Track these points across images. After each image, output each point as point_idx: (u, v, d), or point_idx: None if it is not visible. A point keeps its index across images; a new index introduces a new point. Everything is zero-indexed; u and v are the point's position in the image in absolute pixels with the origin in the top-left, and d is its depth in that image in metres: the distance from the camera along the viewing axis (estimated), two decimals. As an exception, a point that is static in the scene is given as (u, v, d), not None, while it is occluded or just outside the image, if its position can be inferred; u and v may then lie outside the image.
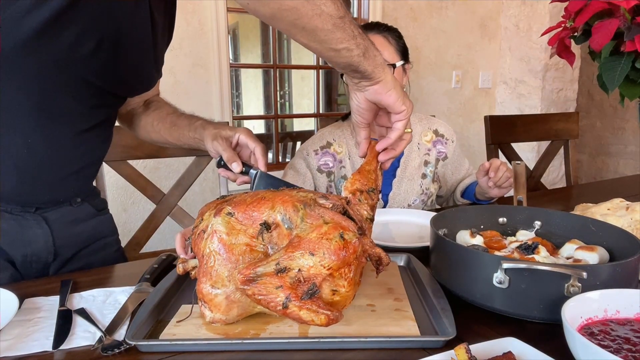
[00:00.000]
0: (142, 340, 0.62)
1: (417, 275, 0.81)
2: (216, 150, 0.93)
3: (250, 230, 0.67)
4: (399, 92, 0.75)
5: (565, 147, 2.00)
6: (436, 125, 1.49)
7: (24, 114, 0.80)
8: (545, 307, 0.65)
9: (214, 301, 0.66)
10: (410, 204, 1.43)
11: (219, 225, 0.67)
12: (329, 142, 1.44)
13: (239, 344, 0.63)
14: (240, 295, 0.66)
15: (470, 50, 3.48)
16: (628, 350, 0.54)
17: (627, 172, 3.81)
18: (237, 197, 0.72)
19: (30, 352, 0.62)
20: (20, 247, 0.91)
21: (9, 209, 0.89)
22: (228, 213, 0.67)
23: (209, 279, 0.66)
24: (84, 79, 0.81)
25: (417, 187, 1.43)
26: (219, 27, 2.59)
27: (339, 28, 0.65)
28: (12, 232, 0.90)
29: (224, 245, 0.66)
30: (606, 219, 0.95)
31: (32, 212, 0.91)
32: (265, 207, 0.67)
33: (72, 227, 0.98)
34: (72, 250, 0.98)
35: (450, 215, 0.91)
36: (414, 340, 0.62)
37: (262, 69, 5.96)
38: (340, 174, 1.43)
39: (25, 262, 0.92)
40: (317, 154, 1.43)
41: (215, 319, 0.67)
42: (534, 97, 3.43)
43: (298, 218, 0.66)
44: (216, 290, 0.66)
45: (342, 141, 1.43)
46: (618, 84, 1.25)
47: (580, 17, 1.28)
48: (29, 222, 0.91)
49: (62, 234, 0.95)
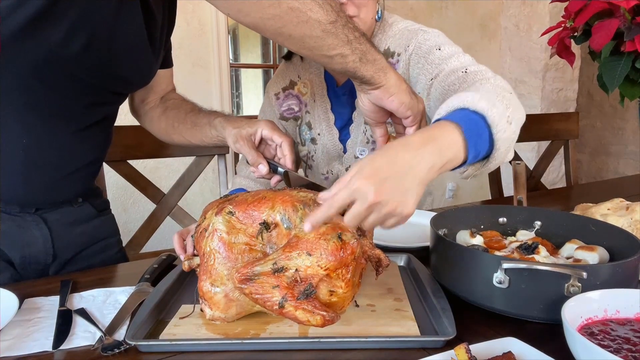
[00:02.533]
0: (142, 340, 0.62)
1: (417, 275, 0.81)
2: (240, 152, 0.89)
3: (250, 230, 0.67)
4: (402, 97, 0.71)
5: (565, 147, 2.00)
6: (389, 42, 1.08)
7: (19, 113, 0.80)
8: (545, 307, 0.65)
9: (214, 299, 0.67)
10: (356, 157, 1.17)
11: (219, 224, 0.67)
12: (293, 81, 1.19)
13: (238, 344, 0.63)
14: (239, 294, 0.66)
15: (470, 50, 3.44)
16: (628, 350, 0.54)
17: (627, 172, 3.81)
18: (240, 196, 0.72)
19: (30, 352, 0.62)
20: (18, 248, 0.90)
21: (8, 209, 0.89)
22: (229, 212, 0.68)
23: (209, 277, 0.67)
24: (76, 76, 0.79)
25: (361, 136, 1.15)
26: (219, 27, 2.59)
27: (329, 34, 0.62)
28: (11, 233, 0.89)
29: (224, 244, 0.67)
30: (606, 219, 0.94)
31: (31, 213, 0.91)
32: (265, 206, 0.68)
33: (72, 229, 0.97)
34: (71, 251, 0.98)
35: (450, 215, 0.91)
36: (414, 340, 0.62)
37: (262, 69, 5.96)
38: (305, 119, 1.19)
39: (24, 263, 0.92)
40: (278, 97, 1.21)
41: (214, 316, 0.67)
42: (534, 97, 3.43)
43: (297, 218, 0.66)
44: (215, 288, 0.67)
45: (306, 79, 1.17)
46: (618, 84, 1.25)
47: (580, 17, 1.28)
48: (28, 223, 0.91)
49: (61, 236, 0.95)
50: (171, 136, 1.07)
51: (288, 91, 1.19)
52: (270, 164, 0.87)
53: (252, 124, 0.90)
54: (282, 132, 0.89)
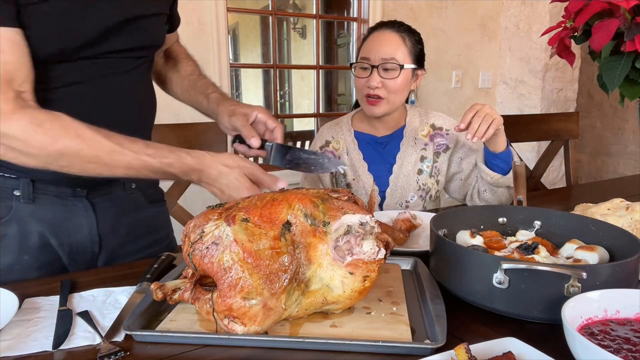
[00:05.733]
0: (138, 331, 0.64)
1: (420, 279, 0.81)
2: (233, 125, 0.95)
3: (272, 233, 0.64)
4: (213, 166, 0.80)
5: (565, 147, 2.00)
6: (433, 119, 1.47)
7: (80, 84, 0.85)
8: (545, 307, 0.65)
9: (249, 313, 0.62)
10: (407, 200, 1.42)
11: (238, 234, 0.63)
12: (328, 141, 1.48)
13: (228, 340, 0.63)
14: (275, 301, 0.63)
15: (470, 50, 3.48)
16: (628, 350, 0.54)
17: (627, 172, 3.80)
18: (240, 203, 0.69)
19: (30, 352, 0.62)
20: (66, 236, 0.92)
21: (60, 193, 0.91)
22: (243, 219, 0.65)
23: (239, 291, 0.62)
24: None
25: (413, 183, 1.42)
26: (219, 27, 2.59)
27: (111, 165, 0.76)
28: (59, 220, 0.91)
29: (249, 253, 0.62)
30: (606, 219, 0.94)
31: (82, 197, 0.93)
32: (281, 207, 0.66)
33: (120, 217, 0.99)
34: (117, 241, 0.99)
35: (450, 216, 0.91)
36: (401, 345, 0.61)
37: (262, 68, 5.96)
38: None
39: (72, 252, 0.94)
40: None
41: (249, 332, 0.63)
42: (534, 97, 3.43)
43: (320, 212, 0.66)
44: (250, 301, 0.62)
45: (339, 137, 1.47)
46: (618, 84, 1.25)
47: (581, 17, 1.28)
48: (77, 208, 0.92)
49: (107, 224, 0.96)
50: (175, 92, 1.13)
51: (324, 149, 1.47)
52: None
53: (248, 106, 0.98)
54: (275, 119, 0.97)
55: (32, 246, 0.91)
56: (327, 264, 0.66)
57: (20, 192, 0.88)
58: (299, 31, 5.78)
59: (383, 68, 1.30)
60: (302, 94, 6.08)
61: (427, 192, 1.44)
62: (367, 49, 1.34)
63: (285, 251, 0.64)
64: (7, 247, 0.89)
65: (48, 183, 0.89)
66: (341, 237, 0.66)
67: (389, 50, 1.31)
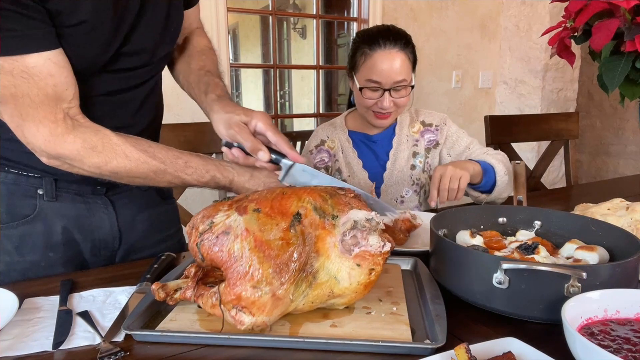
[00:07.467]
0: (138, 330, 0.64)
1: (420, 279, 0.81)
2: (233, 139, 0.87)
3: (282, 224, 0.66)
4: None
5: (565, 147, 2.00)
6: (423, 116, 1.51)
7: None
8: (545, 307, 0.65)
9: (258, 303, 0.62)
10: (402, 195, 1.46)
11: (250, 223, 0.65)
12: (323, 140, 1.52)
13: (228, 339, 0.63)
14: (284, 291, 0.64)
15: (470, 50, 3.48)
16: (628, 350, 0.54)
17: (627, 172, 3.81)
18: (249, 196, 0.70)
19: (30, 352, 0.62)
20: (89, 233, 0.95)
21: (81, 191, 0.93)
22: (255, 210, 0.66)
23: (249, 280, 0.62)
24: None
25: (407, 179, 1.46)
26: (219, 27, 2.59)
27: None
28: (82, 217, 0.94)
29: (261, 243, 0.63)
30: (606, 219, 0.95)
31: (102, 195, 0.96)
32: (292, 200, 0.68)
33: (137, 214, 1.01)
34: (135, 236, 1.01)
35: (450, 216, 0.91)
36: (401, 345, 0.61)
37: (262, 68, 5.96)
38: (335, 167, 1.49)
39: (94, 249, 0.96)
40: (312, 153, 1.51)
41: (257, 323, 0.63)
42: (534, 97, 3.43)
43: (329, 206, 0.68)
44: (260, 290, 0.62)
45: (334, 137, 1.51)
46: (618, 84, 1.25)
47: (581, 17, 1.28)
48: (97, 206, 0.96)
49: (126, 220, 0.99)
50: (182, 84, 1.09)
51: (320, 147, 1.51)
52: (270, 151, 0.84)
53: (246, 112, 0.88)
54: (276, 129, 0.87)
55: (57, 243, 0.93)
56: (334, 256, 0.67)
57: (43, 191, 0.91)
58: (299, 31, 5.78)
59: (394, 89, 1.33)
60: (302, 94, 6.08)
61: (422, 187, 1.48)
62: (377, 71, 1.31)
63: (295, 242, 0.65)
64: (33, 245, 0.91)
65: (70, 182, 0.92)
66: (348, 231, 0.67)
67: (399, 73, 1.31)
